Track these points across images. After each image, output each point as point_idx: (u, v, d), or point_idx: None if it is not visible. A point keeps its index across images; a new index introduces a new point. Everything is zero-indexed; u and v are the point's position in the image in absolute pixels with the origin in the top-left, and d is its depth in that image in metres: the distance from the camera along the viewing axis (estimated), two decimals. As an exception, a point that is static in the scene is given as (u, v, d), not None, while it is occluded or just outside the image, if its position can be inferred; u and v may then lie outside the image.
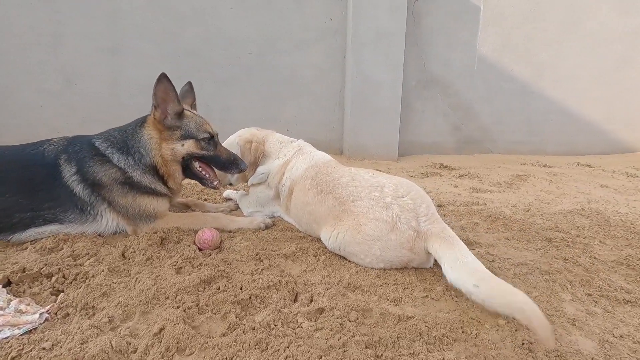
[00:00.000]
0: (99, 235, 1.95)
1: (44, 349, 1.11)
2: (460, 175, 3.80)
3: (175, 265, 1.66)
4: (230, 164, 2.05)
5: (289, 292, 1.51)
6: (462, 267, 1.48)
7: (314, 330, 1.29)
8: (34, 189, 1.86)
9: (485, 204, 2.81)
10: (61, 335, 1.18)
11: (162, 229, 1.98)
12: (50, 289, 1.48)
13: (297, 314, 1.38)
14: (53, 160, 1.90)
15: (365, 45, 4.29)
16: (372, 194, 1.79)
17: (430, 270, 1.76)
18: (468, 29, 4.53)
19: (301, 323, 1.33)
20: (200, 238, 1.89)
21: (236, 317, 1.32)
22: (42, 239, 1.87)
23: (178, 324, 1.23)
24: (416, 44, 4.54)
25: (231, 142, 2.36)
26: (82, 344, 1.14)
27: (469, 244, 2.00)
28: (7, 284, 1.48)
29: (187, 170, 2.05)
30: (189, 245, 1.88)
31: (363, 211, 1.76)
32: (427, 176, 3.85)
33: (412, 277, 1.69)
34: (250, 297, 1.44)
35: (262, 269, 1.70)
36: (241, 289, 1.49)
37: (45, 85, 4.16)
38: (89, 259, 1.69)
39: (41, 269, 1.57)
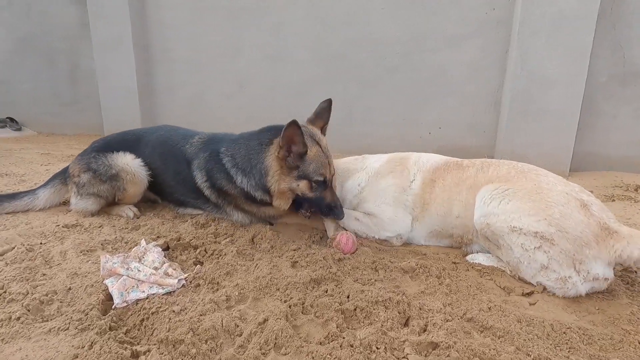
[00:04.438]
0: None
1: (173, 311, 1.29)
2: (671, 204, 2.75)
3: (292, 258, 1.70)
4: (329, 210, 1.92)
5: (399, 313, 1.34)
6: None
7: (421, 368, 1.09)
8: (183, 180, 2.19)
9: None
10: (189, 303, 1.35)
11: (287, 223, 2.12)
12: (194, 259, 1.73)
13: (404, 341, 1.20)
14: (189, 163, 2.14)
15: (537, 34, 3.58)
16: (557, 178, 1.71)
17: (604, 334, 1.29)
18: None
19: (407, 354, 1.15)
20: (341, 245, 1.80)
21: (337, 327, 1.24)
22: (198, 215, 2.24)
23: (280, 319, 1.24)
24: (613, 28, 3.52)
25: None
26: (200, 315, 1.27)
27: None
28: (167, 248, 1.81)
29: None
30: (308, 239, 1.93)
31: (549, 182, 1.63)
32: (613, 200, 2.93)
33: (573, 333, 1.27)
34: (355, 309, 1.33)
35: (375, 280, 1.58)
36: (348, 297, 1.41)
37: (224, 89, 5.04)
38: (225, 239, 1.92)
39: (191, 240, 1.87)
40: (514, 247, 1.55)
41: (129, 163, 2.21)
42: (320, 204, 1.91)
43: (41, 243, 1.81)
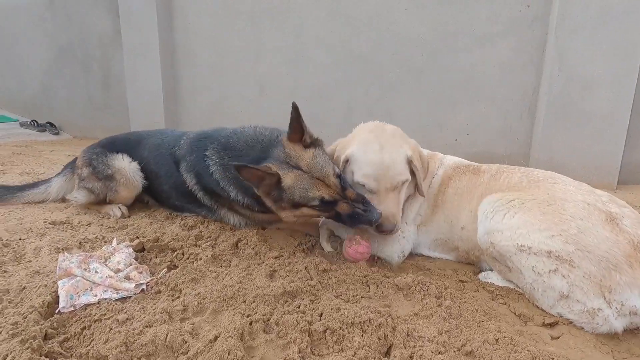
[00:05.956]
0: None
1: (117, 320, 1.14)
2: None
3: (271, 267, 1.51)
4: (354, 220, 1.57)
5: (379, 339, 1.10)
6: None
7: (392, 414, 0.86)
8: (175, 183, 2.07)
9: None
10: (137, 312, 1.20)
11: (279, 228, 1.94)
12: (168, 263, 1.59)
13: (378, 376, 0.97)
14: (178, 165, 2.01)
15: (578, 31, 3.21)
16: (580, 186, 1.42)
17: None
18: None
19: (379, 393, 0.93)
20: (353, 250, 1.60)
21: (299, 353, 1.03)
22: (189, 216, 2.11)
23: (232, 337, 1.05)
24: (672, 19, 3.07)
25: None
26: (146, 326, 1.11)
27: None
28: (142, 249, 1.69)
29: None
30: (297, 246, 1.74)
31: (566, 191, 1.35)
32: (672, 217, 2.49)
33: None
34: (325, 330, 1.12)
35: (361, 297, 1.35)
36: (321, 315, 1.19)
37: (246, 93, 5.01)
38: (206, 242, 1.76)
39: (169, 242, 1.73)
40: (525, 271, 1.27)
41: (125, 167, 2.18)
42: (342, 219, 1.61)
43: (20, 239, 1.76)
